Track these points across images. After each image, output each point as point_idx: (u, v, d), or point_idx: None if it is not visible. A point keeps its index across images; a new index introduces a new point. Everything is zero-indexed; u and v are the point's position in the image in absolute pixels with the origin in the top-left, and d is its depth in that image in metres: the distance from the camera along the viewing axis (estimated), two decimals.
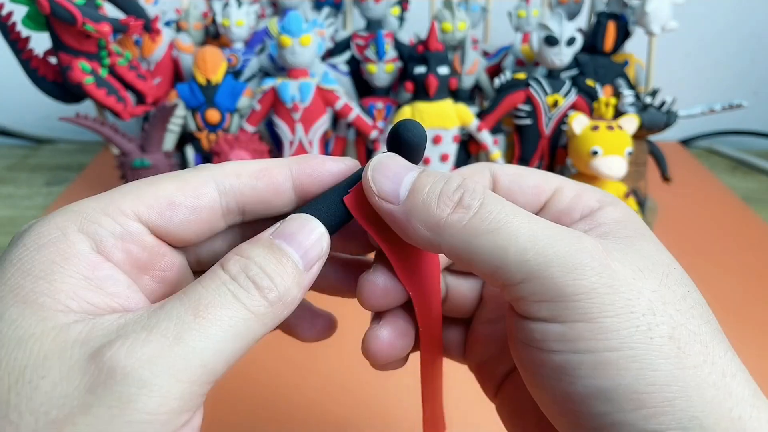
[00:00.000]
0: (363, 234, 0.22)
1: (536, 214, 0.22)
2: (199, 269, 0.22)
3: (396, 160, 0.20)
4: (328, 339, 0.25)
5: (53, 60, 0.58)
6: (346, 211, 0.21)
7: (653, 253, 0.19)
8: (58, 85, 0.59)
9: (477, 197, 0.18)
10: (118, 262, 0.18)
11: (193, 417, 0.16)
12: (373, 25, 0.68)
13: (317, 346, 0.44)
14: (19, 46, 0.56)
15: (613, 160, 0.52)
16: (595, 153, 0.52)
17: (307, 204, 0.21)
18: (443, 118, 0.58)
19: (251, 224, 0.23)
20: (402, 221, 0.19)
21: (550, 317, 0.17)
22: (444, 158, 0.60)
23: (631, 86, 0.67)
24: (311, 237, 0.19)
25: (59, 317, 0.16)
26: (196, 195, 0.20)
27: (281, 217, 0.21)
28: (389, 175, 0.19)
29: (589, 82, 0.61)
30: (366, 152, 0.65)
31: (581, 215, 0.21)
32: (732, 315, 0.50)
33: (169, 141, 0.62)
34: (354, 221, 0.21)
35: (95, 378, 0.14)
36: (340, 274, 0.24)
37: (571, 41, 0.57)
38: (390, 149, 0.21)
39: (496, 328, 0.25)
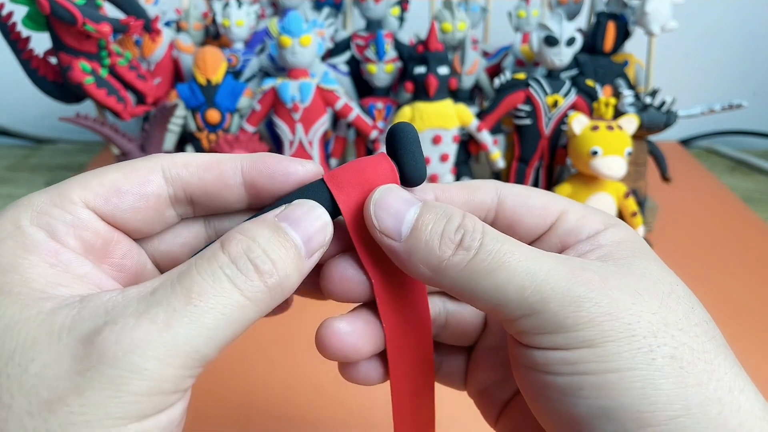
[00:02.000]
0: None
1: (542, 235, 0.22)
2: (158, 266, 0.22)
3: (397, 194, 0.20)
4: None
5: (53, 60, 0.58)
6: (330, 200, 0.20)
7: (654, 272, 0.19)
8: (58, 85, 0.59)
9: (477, 237, 0.18)
10: (75, 249, 0.18)
11: (184, 394, 0.17)
12: (373, 25, 0.68)
13: (303, 351, 0.44)
14: (19, 46, 0.56)
15: (612, 160, 0.52)
16: (594, 153, 0.52)
17: (283, 197, 0.21)
18: (443, 118, 0.58)
19: (207, 222, 0.23)
20: (403, 258, 0.19)
21: (552, 346, 0.17)
22: (444, 158, 0.60)
23: (631, 86, 0.67)
24: (316, 224, 0.19)
25: (41, 304, 0.16)
26: (143, 182, 0.20)
27: (236, 213, 0.21)
28: (391, 211, 0.19)
29: (589, 82, 0.61)
30: (366, 152, 0.65)
31: (587, 236, 0.21)
32: (732, 315, 0.50)
33: (170, 141, 0.62)
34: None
35: (85, 362, 0.15)
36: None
37: (570, 41, 0.57)
38: (389, 150, 0.21)
39: (500, 355, 0.25)
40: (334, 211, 0.20)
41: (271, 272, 0.17)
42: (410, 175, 0.21)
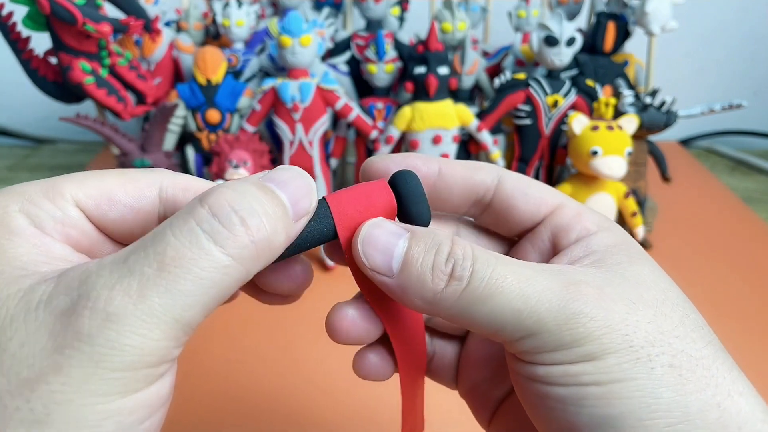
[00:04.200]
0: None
1: (535, 227, 0.22)
2: None
3: (383, 227, 0.19)
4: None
5: (53, 60, 0.58)
6: (331, 221, 0.20)
7: (648, 278, 0.19)
8: (59, 85, 0.59)
9: (467, 266, 0.18)
10: (60, 242, 0.18)
11: (172, 365, 0.16)
12: (373, 25, 0.68)
13: (302, 347, 0.44)
14: (19, 46, 0.56)
15: (612, 160, 0.52)
16: (594, 153, 0.52)
17: None
18: (443, 118, 0.58)
19: None
20: (397, 293, 0.19)
21: (553, 362, 0.18)
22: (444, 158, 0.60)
23: (631, 86, 0.67)
24: (303, 189, 0.18)
25: (21, 281, 0.16)
26: (137, 196, 0.19)
27: None
28: (379, 247, 0.19)
29: (589, 82, 0.61)
30: (366, 152, 0.65)
31: (577, 237, 0.21)
32: (732, 315, 0.50)
33: (170, 141, 0.62)
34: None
35: (62, 339, 0.14)
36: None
37: (570, 41, 0.57)
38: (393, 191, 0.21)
39: (492, 347, 0.25)
40: (335, 233, 0.20)
41: (259, 226, 0.16)
42: (416, 219, 0.21)
